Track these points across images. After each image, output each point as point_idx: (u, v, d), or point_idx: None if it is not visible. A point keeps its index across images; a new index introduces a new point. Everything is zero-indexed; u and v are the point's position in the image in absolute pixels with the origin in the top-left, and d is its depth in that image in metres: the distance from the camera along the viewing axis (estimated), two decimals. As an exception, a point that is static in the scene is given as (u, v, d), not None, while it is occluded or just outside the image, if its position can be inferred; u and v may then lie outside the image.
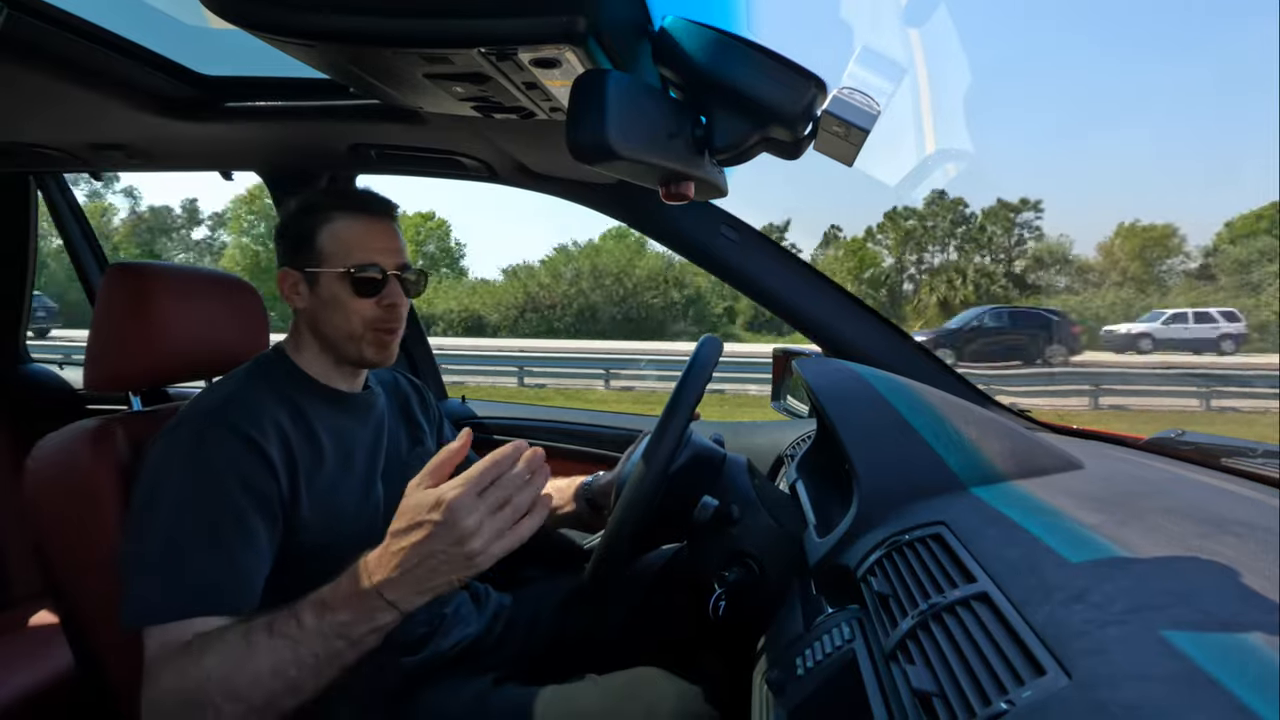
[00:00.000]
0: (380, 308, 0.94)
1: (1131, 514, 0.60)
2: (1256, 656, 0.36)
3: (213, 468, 0.80)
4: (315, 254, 0.93)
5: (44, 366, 1.98)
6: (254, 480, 0.82)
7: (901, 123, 0.86)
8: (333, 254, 0.93)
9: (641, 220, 1.38)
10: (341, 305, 0.93)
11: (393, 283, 0.95)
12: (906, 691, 0.48)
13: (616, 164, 0.54)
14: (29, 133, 1.31)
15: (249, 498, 0.81)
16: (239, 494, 0.80)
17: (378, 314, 0.94)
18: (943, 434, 0.77)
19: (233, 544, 0.78)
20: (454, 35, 0.62)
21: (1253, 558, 0.48)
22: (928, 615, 0.52)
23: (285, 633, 0.70)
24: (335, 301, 0.93)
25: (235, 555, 0.78)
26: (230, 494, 0.80)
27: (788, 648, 0.68)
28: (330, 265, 0.93)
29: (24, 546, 1.57)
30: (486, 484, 0.71)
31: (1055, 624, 0.43)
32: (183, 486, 0.79)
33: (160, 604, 0.74)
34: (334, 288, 0.93)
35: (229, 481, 0.80)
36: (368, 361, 0.97)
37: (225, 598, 0.76)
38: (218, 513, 0.79)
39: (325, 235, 0.93)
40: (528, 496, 0.72)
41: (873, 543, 0.69)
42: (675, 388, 0.83)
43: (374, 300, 0.94)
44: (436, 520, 0.69)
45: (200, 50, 1.08)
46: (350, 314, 0.93)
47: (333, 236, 0.93)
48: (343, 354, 0.97)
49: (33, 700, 1.19)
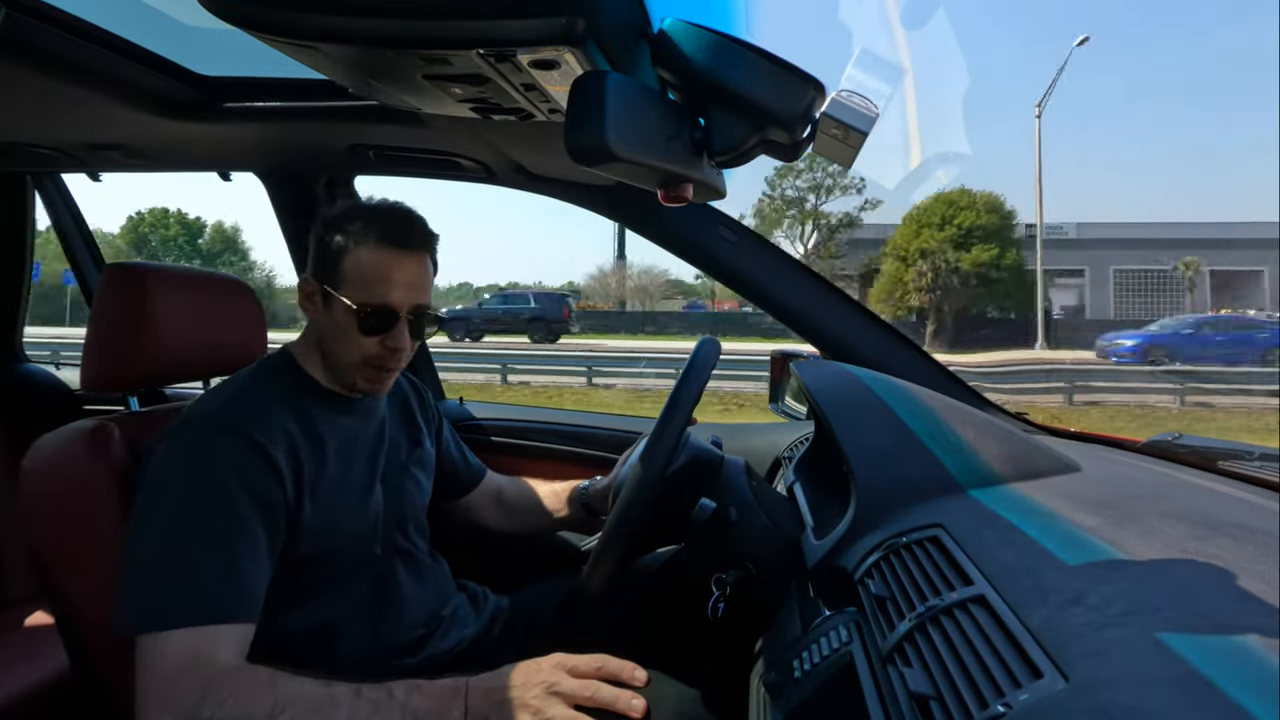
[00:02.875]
0: (383, 349, 0.92)
1: (1128, 517, 0.60)
2: (1254, 659, 0.36)
3: (218, 472, 0.80)
4: (336, 275, 0.91)
5: (41, 366, 1.98)
6: (259, 485, 0.81)
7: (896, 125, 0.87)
8: (351, 282, 0.90)
9: (640, 222, 1.38)
10: (345, 335, 0.91)
11: (402, 325, 0.92)
12: (904, 694, 0.47)
13: (615, 166, 0.54)
14: (26, 132, 1.31)
15: (253, 503, 0.80)
16: (243, 500, 0.80)
17: (379, 353, 0.92)
18: (940, 436, 0.77)
19: (237, 551, 0.78)
20: (453, 37, 0.62)
21: (1249, 560, 0.48)
22: (925, 618, 0.52)
23: (371, 697, 0.72)
24: (340, 330, 0.91)
25: (239, 562, 0.78)
26: (235, 499, 0.79)
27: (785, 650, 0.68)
28: (346, 293, 0.90)
29: (19, 547, 1.56)
30: (593, 672, 0.75)
31: (1052, 627, 0.43)
32: (187, 491, 0.78)
33: (162, 611, 0.74)
34: (343, 317, 0.91)
35: (233, 486, 0.79)
36: (359, 390, 0.96)
37: (229, 606, 0.76)
38: (222, 518, 0.78)
39: (350, 260, 0.90)
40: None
41: (870, 545, 0.69)
42: (674, 388, 0.83)
43: (378, 340, 0.92)
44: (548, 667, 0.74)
45: (199, 50, 1.08)
46: (351, 347, 0.92)
47: (356, 263, 0.90)
48: (338, 376, 0.96)
49: (28, 701, 1.18)
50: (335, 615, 0.91)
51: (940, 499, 0.72)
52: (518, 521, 1.24)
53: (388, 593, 0.96)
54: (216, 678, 0.71)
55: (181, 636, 0.73)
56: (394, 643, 0.94)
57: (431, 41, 0.63)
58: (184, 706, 0.69)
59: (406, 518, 1.03)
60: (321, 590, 0.90)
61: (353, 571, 0.93)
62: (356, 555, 0.93)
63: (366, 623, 0.93)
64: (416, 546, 1.04)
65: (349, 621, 0.92)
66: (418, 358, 1.80)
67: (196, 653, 0.72)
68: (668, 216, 1.33)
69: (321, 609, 0.90)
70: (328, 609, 0.90)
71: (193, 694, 0.70)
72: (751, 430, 1.54)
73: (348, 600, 0.92)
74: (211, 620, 0.74)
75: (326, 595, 0.90)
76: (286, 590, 0.85)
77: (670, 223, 1.34)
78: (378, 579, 0.96)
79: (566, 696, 0.70)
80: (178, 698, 0.70)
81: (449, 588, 1.08)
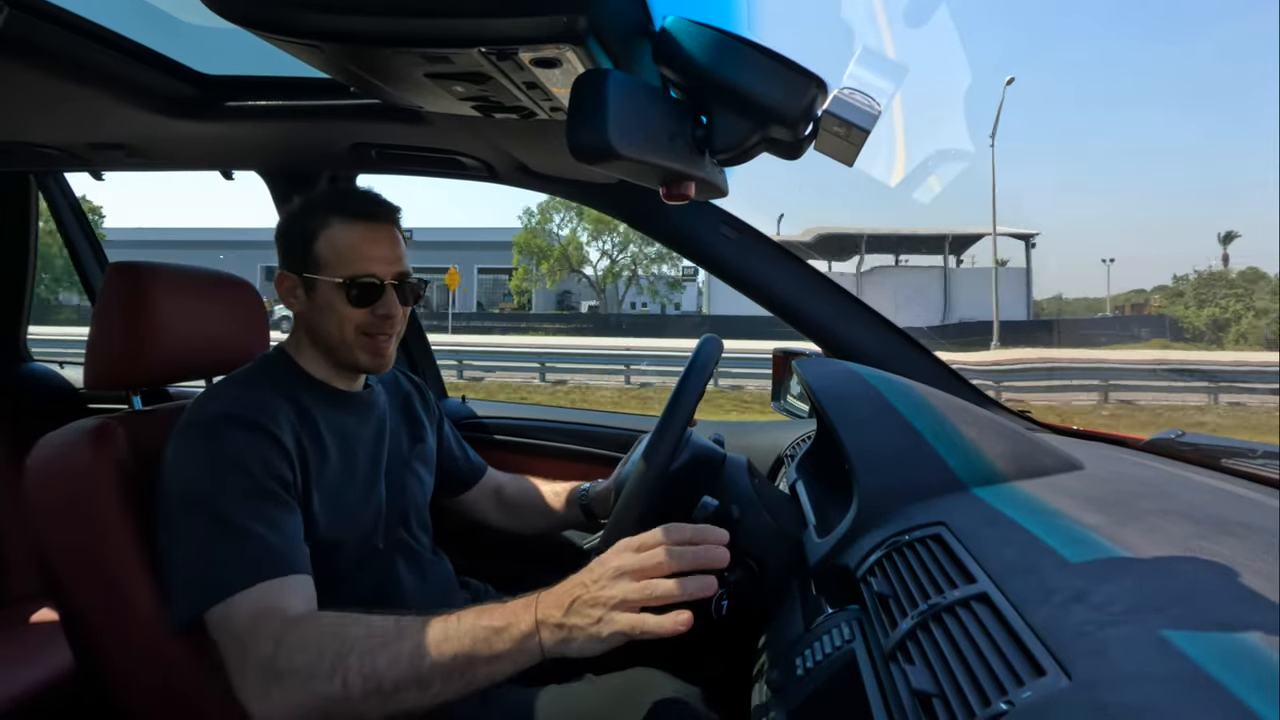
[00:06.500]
0: (375, 317, 0.93)
1: (1131, 514, 0.60)
2: (1256, 657, 0.36)
3: (235, 458, 0.81)
4: (312, 260, 0.92)
5: (45, 365, 1.98)
6: (275, 468, 0.83)
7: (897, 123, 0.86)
8: (329, 262, 0.92)
9: (641, 219, 1.38)
10: (335, 313, 0.92)
11: (389, 292, 0.94)
12: (906, 692, 0.48)
13: (617, 164, 0.54)
14: (29, 132, 1.31)
15: (275, 481, 0.83)
16: (265, 478, 0.82)
17: (371, 321, 0.93)
18: (943, 434, 0.77)
19: (276, 515, 0.80)
20: (454, 35, 0.62)
21: (1252, 558, 0.48)
22: (927, 616, 0.52)
23: (440, 625, 0.70)
24: (330, 309, 0.92)
25: (281, 524, 0.80)
26: (258, 478, 0.81)
27: (788, 648, 0.68)
28: (327, 273, 0.92)
29: (24, 545, 1.57)
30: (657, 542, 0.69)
31: (1055, 624, 0.43)
32: (212, 478, 0.80)
33: (222, 580, 0.75)
34: (329, 296, 0.92)
35: (255, 467, 0.81)
36: (362, 367, 0.97)
37: (284, 561, 0.78)
38: (253, 493, 0.80)
39: (323, 242, 0.92)
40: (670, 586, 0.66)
41: (872, 543, 0.69)
42: (676, 386, 0.83)
43: (368, 310, 0.93)
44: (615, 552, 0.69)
45: (201, 49, 1.08)
46: (344, 322, 0.93)
47: (330, 244, 0.92)
48: (338, 359, 0.97)
49: (32, 699, 1.19)
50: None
51: (943, 497, 0.72)
52: (518, 519, 1.25)
53: (390, 588, 0.97)
54: (287, 625, 0.72)
55: (246, 597, 0.74)
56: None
57: (433, 40, 0.63)
58: (262, 659, 0.70)
59: (409, 513, 1.03)
60: (324, 585, 0.90)
61: (355, 566, 0.93)
62: (359, 550, 0.93)
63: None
64: (419, 542, 1.04)
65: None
66: (420, 355, 1.80)
67: (264, 608, 0.74)
68: (669, 214, 1.33)
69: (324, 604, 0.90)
70: (330, 604, 0.91)
71: (268, 643, 0.71)
72: (754, 428, 1.54)
73: (350, 596, 0.92)
74: (271, 575, 0.76)
75: (329, 590, 0.90)
76: None
77: (672, 220, 1.34)
78: (380, 574, 0.96)
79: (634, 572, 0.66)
80: (255, 651, 0.71)
81: (451, 584, 1.08)
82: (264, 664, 0.70)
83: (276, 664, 0.69)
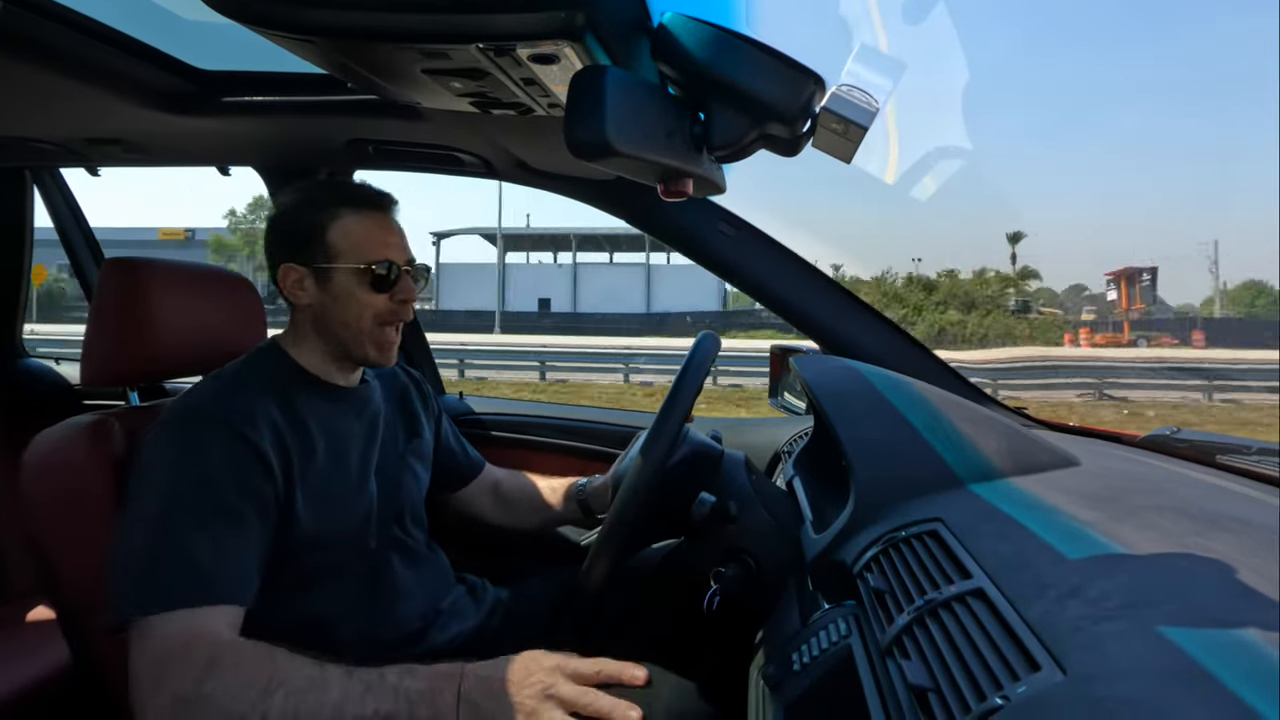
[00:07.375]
0: (394, 302, 0.96)
1: (1127, 510, 0.60)
2: (1252, 651, 0.36)
3: (204, 464, 0.80)
4: (325, 250, 0.93)
5: (41, 361, 1.98)
6: (246, 478, 0.82)
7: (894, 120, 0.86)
8: (346, 250, 0.93)
9: (639, 216, 1.38)
10: (355, 300, 0.94)
11: (405, 277, 0.97)
12: (902, 687, 0.48)
13: (614, 160, 0.54)
14: (25, 127, 1.30)
15: (242, 494, 0.81)
16: (231, 491, 0.80)
17: (391, 307, 0.96)
18: (940, 431, 0.77)
19: (227, 537, 0.78)
20: (452, 31, 0.62)
21: (1248, 554, 0.48)
22: (924, 611, 0.52)
23: (363, 678, 0.70)
24: (348, 297, 0.94)
25: (230, 547, 0.78)
26: (222, 490, 0.79)
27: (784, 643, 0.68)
28: (344, 261, 0.93)
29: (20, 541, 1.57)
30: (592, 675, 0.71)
31: (1050, 620, 0.43)
32: (174, 483, 0.79)
33: (158, 595, 0.74)
34: (348, 284, 0.93)
35: (221, 478, 0.80)
36: (369, 360, 0.98)
37: (220, 587, 0.76)
38: (210, 507, 0.78)
39: (336, 232, 0.93)
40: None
41: (869, 539, 0.69)
42: (674, 383, 0.84)
43: (388, 295, 0.95)
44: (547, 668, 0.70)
45: (198, 45, 1.08)
46: (363, 309, 0.94)
47: (344, 233, 0.93)
48: (347, 351, 0.97)
49: (29, 695, 1.19)
50: (330, 607, 0.91)
51: (939, 493, 0.72)
52: (515, 515, 1.25)
53: (383, 585, 0.97)
54: (211, 660, 0.71)
55: (176, 618, 0.73)
56: (391, 635, 0.95)
57: (430, 35, 0.63)
58: (182, 685, 0.69)
59: (403, 509, 1.03)
60: (316, 582, 0.90)
61: (347, 563, 0.93)
62: (350, 547, 0.93)
63: (362, 615, 0.93)
64: (413, 538, 1.04)
65: (344, 613, 0.92)
66: (418, 351, 1.80)
67: (193, 632, 0.72)
68: (668, 211, 1.33)
69: (316, 601, 0.90)
70: (323, 601, 0.91)
71: (193, 671, 0.69)
72: (751, 425, 1.54)
73: (343, 592, 0.92)
74: (205, 602, 0.74)
75: (321, 587, 0.91)
76: (281, 581, 0.85)
77: (670, 217, 1.34)
78: (373, 571, 0.96)
79: (563, 702, 0.68)
80: (176, 676, 0.69)
81: (447, 580, 1.08)
82: (181, 696, 0.69)
83: (198, 693, 0.68)
